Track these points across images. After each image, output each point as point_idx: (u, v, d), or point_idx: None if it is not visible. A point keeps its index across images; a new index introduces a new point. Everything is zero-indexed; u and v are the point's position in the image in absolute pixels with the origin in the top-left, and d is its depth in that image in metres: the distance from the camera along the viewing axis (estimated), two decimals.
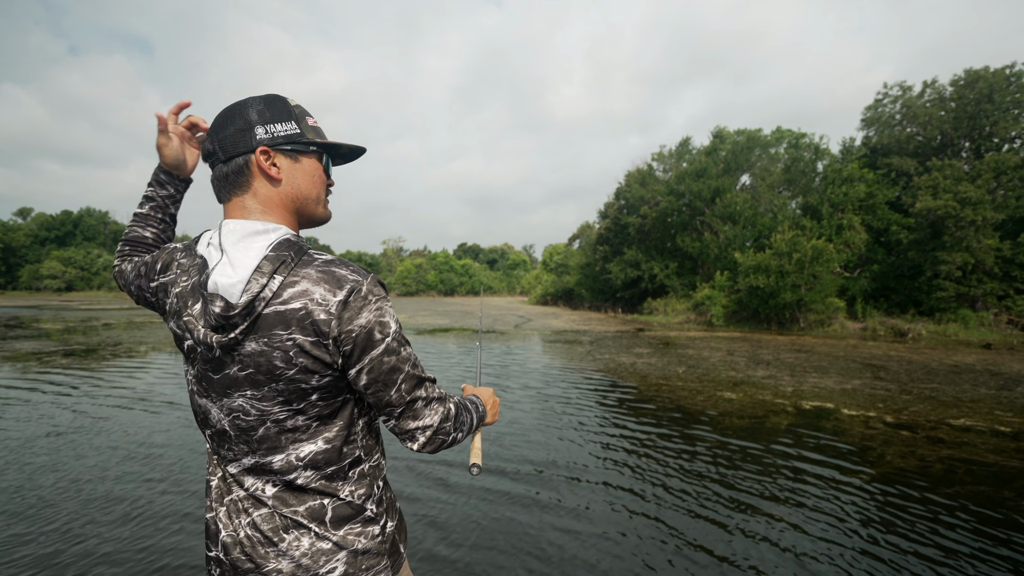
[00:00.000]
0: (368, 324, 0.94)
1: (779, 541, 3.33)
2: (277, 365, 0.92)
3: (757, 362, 11.35)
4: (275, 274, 0.92)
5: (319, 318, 0.91)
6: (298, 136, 1.01)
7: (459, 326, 21.14)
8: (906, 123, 23.94)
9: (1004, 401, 7.51)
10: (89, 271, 63.77)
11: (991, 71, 21.25)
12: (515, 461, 4.75)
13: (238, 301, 0.91)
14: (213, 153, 1.01)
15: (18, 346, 12.74)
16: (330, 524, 1.00)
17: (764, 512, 3.77)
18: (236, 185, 0.99)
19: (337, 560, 1.00)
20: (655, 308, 27.96)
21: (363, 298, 0.94)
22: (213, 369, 0.98)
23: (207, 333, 0.93)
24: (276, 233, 0.96)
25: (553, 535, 3.37)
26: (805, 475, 4.50)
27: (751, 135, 29.24)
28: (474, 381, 8.67)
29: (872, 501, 3.98)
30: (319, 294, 0.91)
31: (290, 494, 1.00)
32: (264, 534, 0.99)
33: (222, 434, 1.01)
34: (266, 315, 0.91)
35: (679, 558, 3.13)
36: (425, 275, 73.42)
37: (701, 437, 5.61)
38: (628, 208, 33.26)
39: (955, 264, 18.94)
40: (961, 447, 5.32)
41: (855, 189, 22.64)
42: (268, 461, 0.98)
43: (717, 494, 4.10)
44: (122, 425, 5.74)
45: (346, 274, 0.94)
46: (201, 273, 0.96)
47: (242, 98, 1.03)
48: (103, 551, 3.07)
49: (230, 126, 0.99)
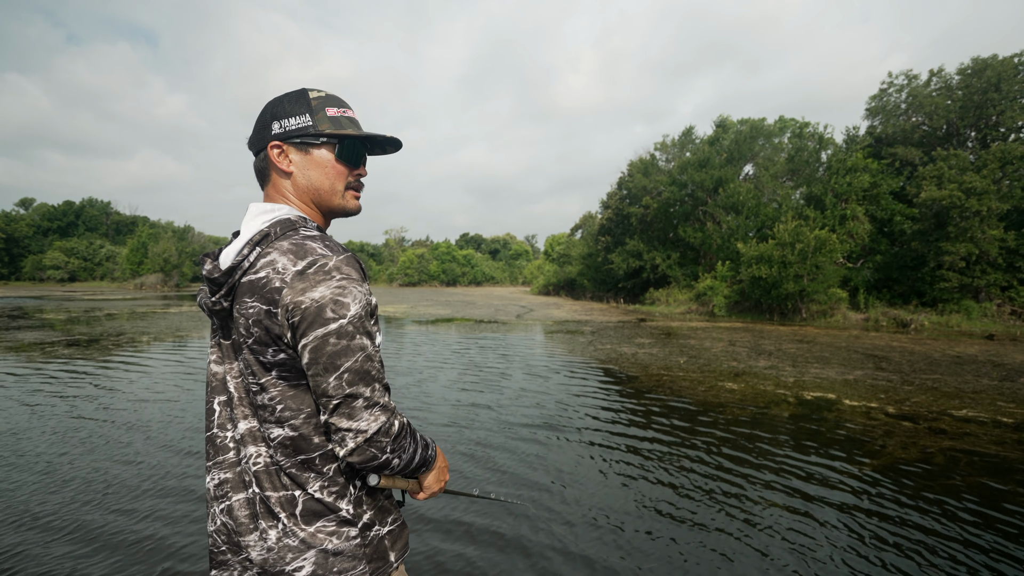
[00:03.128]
0: (322, 299, 0.90)
1: (779, 532, 3.34)
2: (241, 333, 0.97)
3: (759, 353, 11.34)
4: (257, 246, 0.96)
5: (274, 286, 0.92)
6: (308, 128, 1.03)
7: (461, 316, 21.16)
8: (912, 112, 23.71)
9: (1006, 392, 7.50)
10: (92, 261, 63.84)
11: (999, 59, 20.99)
12: (513, 452, 4.76)
13: (224, 268, 0.98)
14: (250, 148, 1.09)
15: (21, 336, 12.79)
16: (300, 518, 0.98)
17: (764, 503, 3.77)
18: (263, 177, 1.08)
19: (304, 559, 0.96)
20: (657, 298, 27.92)
21: (325, 272, 0.91)
22: (223, 334, 1.05)
23: (204, 296, 1.04)
24: (278, 212, 1.01)
25: (554, 528, 3.38)
26: (806, 466, 4.50)
27: (754, 124, 29.00)
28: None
29: (873, 492, 3.97)
30: (281, 264, 0.93)
31: (268, 475, 1.00)
32: (239, 520, 1.01)
33: (232, 398, 1.04)
34: (241, 284, 0.96)
35: (680, 550, 3.14)
36: (427, 265, 73.36)
37: (702, 428, 5.62)
38: (630, 198, 33.09)
39: (959, 255, 18.83)
40: (963, 438, 5.31)
41: (859, 179, 22.47)
42: (259, 427, 1.01)
43: (718, 485, 4.10)
44: (125, 413, 5.77)
45: (315, 247, 0.94)
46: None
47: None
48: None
49: (258, 123, 1.06)
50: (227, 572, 1.02)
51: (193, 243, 61.23)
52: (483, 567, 2.89)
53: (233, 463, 1.03)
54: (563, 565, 2.92)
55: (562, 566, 2.91)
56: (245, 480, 1.01)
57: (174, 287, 50.88)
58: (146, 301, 29.69)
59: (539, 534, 3.25)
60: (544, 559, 2.98)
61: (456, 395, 6.93)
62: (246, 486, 1.01)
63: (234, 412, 1.03)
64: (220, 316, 1.02)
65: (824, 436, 5.34)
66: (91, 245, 65.02)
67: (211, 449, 1.06)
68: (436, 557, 2.98)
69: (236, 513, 1.01)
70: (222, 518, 1.02)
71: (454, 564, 2.92)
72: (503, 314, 22.69)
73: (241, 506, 1.01)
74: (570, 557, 3.00)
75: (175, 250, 52.94)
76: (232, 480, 1.02)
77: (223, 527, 1.02)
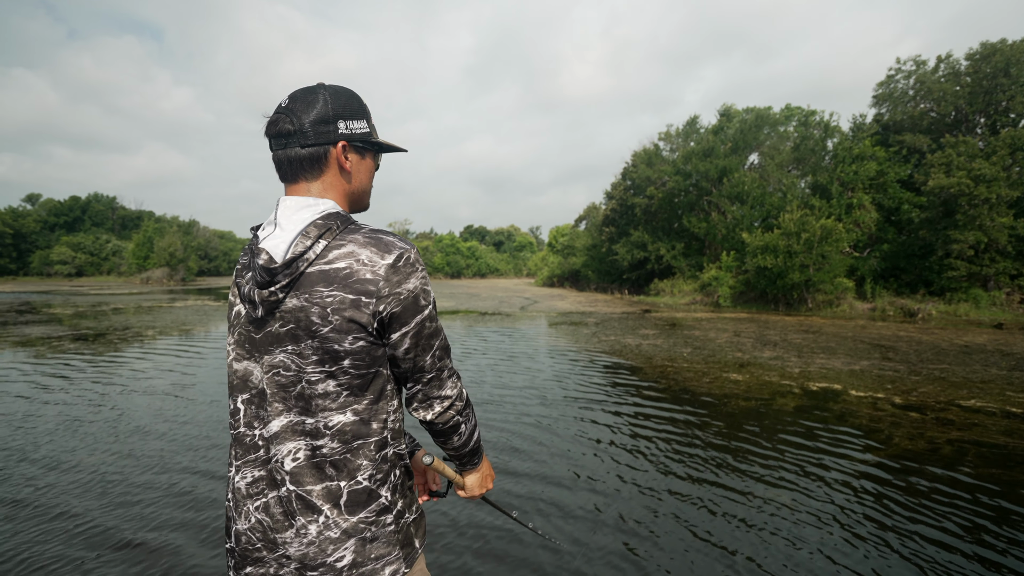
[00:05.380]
0: (415, 289, 1.01)
1: (785, 524, 3.31)
2: (314, 321, 0.96)
3: (764, 343, 11.28)
4: (320, 238, 0.98)
5: (365, 277, 0.96)
6: (369, 135, 1.10)
7: (465, 308, 21.16)
8: (919, 99, 23.39)
9: (1015, 382, 7.43)
10: (99, 256, 64.19)
11: (1008, 44, 20.65)
12: (517, 442, 4.75)
13: (283, 259, 0.97)
14: (292, 135, 1.03)
15: (29, 331, 12.87)
16: (344, 508, 1.01)
17: (769, 495, 3.75)
18: (307, 169, 1.05)
19: (346, 548, 1.00)
20: (662, 289, 27.82)
21: (411, 265, 1.00)
22: (256, 328, 1.03)
23: (252, 288, 1.01)
24: (325, 205, 1.03)
25: (556, 521, 3.37)
26: (811, 458, 4.47)
27: (760, 113, 28.68)
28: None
29: (880, 483, 3.94)
30: (365, 256, 0.97)
31: (310, 469, 1.00)
32: (275, 518, 1.01)
33: (261, 395, 1.03)
34: (309, 273, 0.97)
35: (683, 542, 3.12)
36: (431, 258, 73.37)
37: (706, 419, 5.59)
38: (635, 189, 32.88)
39: (967, 243, 18.63)
40: (971, 428, 5.27)
41: (865, 167, 22.23)
42: (301, 420, 1.00)
43: (722, 476, 4.08)
44: (129, 406, 5.79)
45: (394, 240, 1.01)
46: (255, 248, 1.03)
47: (315, 84, 1.07)
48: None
49: (311, 112, 1.03)
50: (263, 569, 1.03)
51: (198, 237, 61.38)
52: (483, 553, 2.88)
53: (264, 460, 1.04)
54: (561, 555, 2.91)
55: (560, 557, 2.90)
56: (277, 479, 1.02)
57: (180, 281, 51.08)
58: (152, 295, 29.83)
59: (536, 529, 3.23)
60: (543, 549, 2.97)
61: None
62: (278, 485, 1.02)
63: (264, 409, 1.03)
64: (266, 307, 0.99)
65: (830, 427, 5.30)
66: (97, 240, 65.34)
67: (239, 448, 1.07)
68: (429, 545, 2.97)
69: (273, 510, 1.02)
70: (257, 515, 1.03)
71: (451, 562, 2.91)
72: (507, 306, 22.67)
73: (275, 504, 1.02)
74: (571, 544, 2.99)
75: (180, 244, 53.07)
76: (266, 478, 1.03)
77: (258, 524, 1.03)
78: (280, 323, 0.99)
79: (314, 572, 0.99)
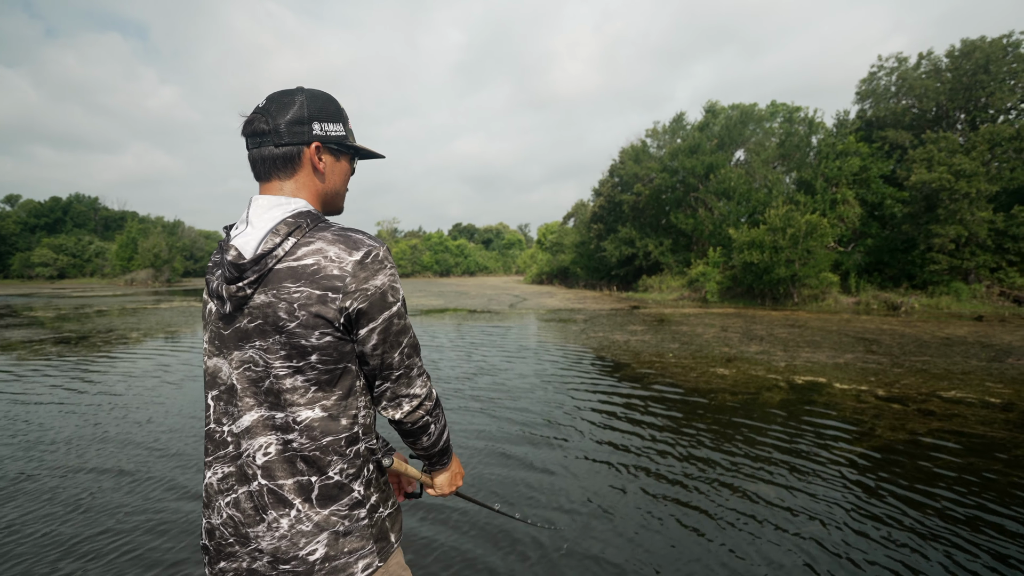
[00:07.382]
0: (383, 286, 1.02)
1: (769, 517, 3.35)
2: (281, 316, 0.97)
3: (751, 338, 11.39)
4: (290, 236, 0.99)
5: (332, 273, 0.97)
6: (344, 139, 1.12)
7: (454, 306, 21.12)
8: (902, 95, 23.71)
9: (995, 372, 7.57)
10: (81, 258, 63.11)
11: (988, 41, 20.98)
12: (505, 440, 4.76)
13: (252, 255, 0.98)
14: (266, 134, 1.05)
15: (9, 335, 12.65)
16: (316, 502, 1.01)
17: (755, 488, 3.79)
18: (280, 168, 1.07)
19: (318, 542, 1.01)
20: (650, 285, 27.97)
21: (379, 262, 1.02)
22: (225, 324, 1.04)
23: (221, 284, 1.02)
24: (296, 204, 1.05)
25: (542, 511, 3.38)
26: (796, 450, 4.53)
27: (745, 110, 28.90)
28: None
29: (863, 474, 4.00)
30: (333, 252, 0.98)
31: (281, 463, 1.01)
32: (246, 513, 1.02)
33: (231, 390, 1.04)
34: (278, 270, 0.98)
35: (671, 537, 3.15)
36: (420, 256, 73.11)
37: (693, 414, 5.63)
38: (622, 185, 33.00)
39: (948, 237, 18.95)
40: (951, 419, 5.36)
41: (849, 163, 22.51)
42: (272, 415, 1.01)
43: (708, 470, 4.12)
44: (117, 405, 5.72)
45: (363, 238, 1.02)
46: (226, 245, 1.05)
47: (294, 87, 1.09)
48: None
49: (287, 113, 1.05)
50: (236, 563, 1.03)
51: (183, 238, 60.61)
52: (468, 551, 2.89)
53: (234, 456, 1.04)
54: (550, 549, 2.93)
55: (550, 551, 2.91)
56: (248, 473, 1.02)
57: (165, 282, 50.45)
58: (136, 297, 29.42)
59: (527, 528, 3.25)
60: (530, 546, 2.98)
61: (445, 386, 6.92)
62: (249, 480, 1.02)
63: (233, 405, 1.04)
64: (234, 303, 1.01)
65: (815, 420, 5.37)
66: (80, 241, 64.22)
67: (210, 444, 1.08)
68: (422, 536, 2.97)
69: (243, 505, 1.03)
70: (228, 511, 1.03)
71: (442, 545, 2.91)
72: (496, 304, 22.66)
73: (246, 499, 1.02)
74: (559, 540, 3.01)
75: (165, 245, 52.41)
76: (236, 473, 1.04)
77: (230, 520, 1.03)
78: (248, 319, 1.01)
79: (286, 565, 1.00)
